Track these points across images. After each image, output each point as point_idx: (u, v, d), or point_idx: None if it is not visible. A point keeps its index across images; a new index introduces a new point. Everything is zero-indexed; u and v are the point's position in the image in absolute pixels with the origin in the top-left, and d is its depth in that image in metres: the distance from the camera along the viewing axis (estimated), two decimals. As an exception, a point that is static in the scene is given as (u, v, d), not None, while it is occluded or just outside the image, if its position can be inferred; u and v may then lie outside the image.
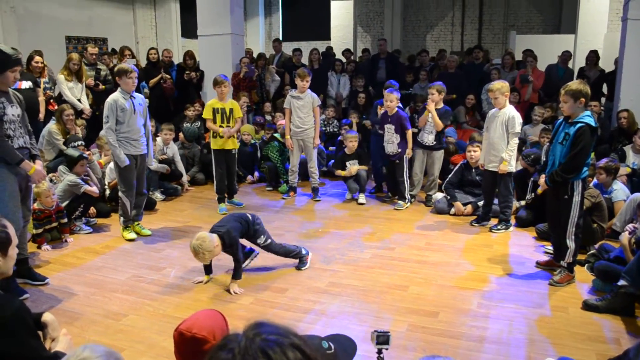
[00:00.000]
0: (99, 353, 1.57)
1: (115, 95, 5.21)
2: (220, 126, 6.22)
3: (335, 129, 8.74)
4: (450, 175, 6.32)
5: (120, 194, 5.41)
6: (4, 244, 2.11)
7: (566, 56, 9.08)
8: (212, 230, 4.10)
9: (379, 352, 2.31)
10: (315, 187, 6.95)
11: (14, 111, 4.03)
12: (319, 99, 6.86)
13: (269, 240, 4.42)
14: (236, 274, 4.15)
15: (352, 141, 6.86)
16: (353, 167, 6.78)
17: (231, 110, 6.27)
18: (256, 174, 7.93)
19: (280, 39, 14.11)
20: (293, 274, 4.48)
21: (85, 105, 7.54)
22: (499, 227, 5.57)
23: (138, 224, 5.57)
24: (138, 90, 6.27)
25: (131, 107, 5.20)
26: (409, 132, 6.33)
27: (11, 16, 10.20)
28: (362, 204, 6.64)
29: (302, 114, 6.66)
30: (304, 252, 4.62)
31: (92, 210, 5.90)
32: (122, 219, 5.45)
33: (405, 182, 6.44)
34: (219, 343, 1.10)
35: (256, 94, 9.35)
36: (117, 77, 5.34)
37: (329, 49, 12.27)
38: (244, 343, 1.04)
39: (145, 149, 5.43)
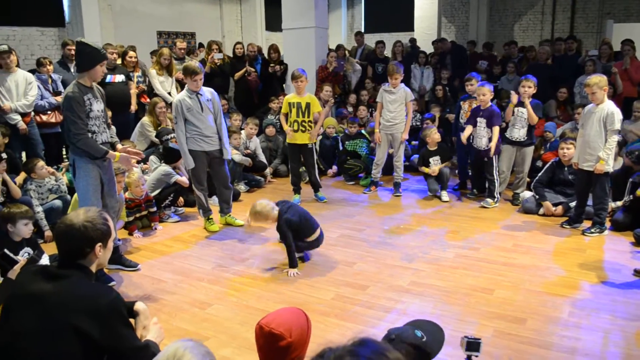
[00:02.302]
0: (198, 357, 1.60)
1: (180, 95, 5.25)
2: (295, 121, 6.25)
3: (418, 123, 8.58)
4: (540, 174, 6.02)
5: (193, 187, 5.58)
6: (105, 237, 2.21)
7: None
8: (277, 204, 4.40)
9: (468, 358, 2.22)
10: (397, 182, 6.86)
11: (98, 107, 4.12)
12: (412, 94, 6.72)
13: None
14: (291, 262, 4.39)
15: (432, 135, 6.72)
16: (435, 166, 6.63)
17: (307, 104, 6.24)
18: (334, 167, 7.93)
19: (363, 30, 14.02)
20: (374, 270, 4.44)
21: (175, 98, 7.80)
22: (592, 230, 5.24)
23: (230, 215, 5.71)
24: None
25: (197, 105, 5.20)
26: (497, 129, 6.08)
27: (108, 13, 10.78)
28: (445, 201, 6.49)
29: (393, 108, 6.57)
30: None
31: (181, 199, 6.15)
32: (200, 211, 5.60)
33: (496, 180, 6.20)
34: (318, 352, 1.09)
35: (338, 86, 9.35)
36: (183, 75, 5.36)
37: (412, 40, 12.02)
38: (332, 357, 1.03)
39: (219, 144, 5.39)
